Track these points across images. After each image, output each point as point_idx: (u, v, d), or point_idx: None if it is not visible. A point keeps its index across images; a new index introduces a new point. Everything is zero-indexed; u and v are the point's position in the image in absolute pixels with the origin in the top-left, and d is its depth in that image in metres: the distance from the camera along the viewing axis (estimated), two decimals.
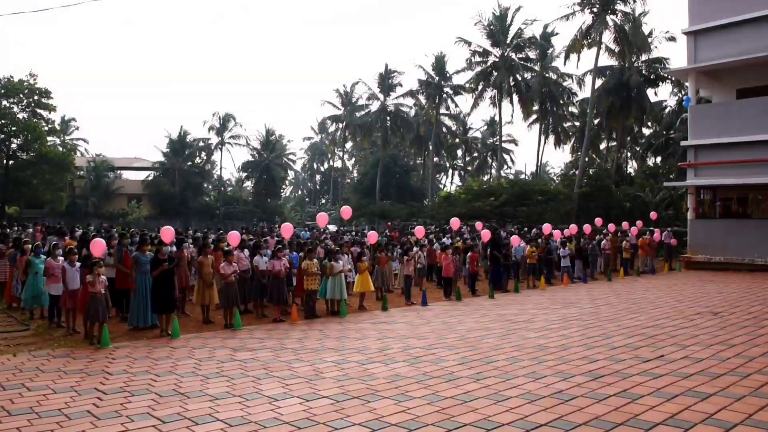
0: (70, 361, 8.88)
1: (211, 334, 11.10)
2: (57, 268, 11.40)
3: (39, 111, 46.14)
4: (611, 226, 23.37)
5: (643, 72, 42.46)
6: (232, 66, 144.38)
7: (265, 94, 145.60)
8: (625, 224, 23.88)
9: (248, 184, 75.44)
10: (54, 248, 12.26)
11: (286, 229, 16.03)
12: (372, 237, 17.41)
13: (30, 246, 13.69)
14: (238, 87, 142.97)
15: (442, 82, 53.93)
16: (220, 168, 71.32)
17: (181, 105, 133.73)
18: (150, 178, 64.89)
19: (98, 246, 10.85)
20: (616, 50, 39.00)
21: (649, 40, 40.69)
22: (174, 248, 13.22)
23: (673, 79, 40.33)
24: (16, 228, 22.92)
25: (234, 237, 13.88)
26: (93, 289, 10.06)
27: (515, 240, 19.33)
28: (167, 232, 12.19)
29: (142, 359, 8.95)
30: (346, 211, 20.16)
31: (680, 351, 9.03)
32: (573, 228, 21.94)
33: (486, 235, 17.99)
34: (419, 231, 19.58)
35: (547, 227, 21.51)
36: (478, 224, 23.16)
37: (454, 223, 22.21)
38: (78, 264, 11.12)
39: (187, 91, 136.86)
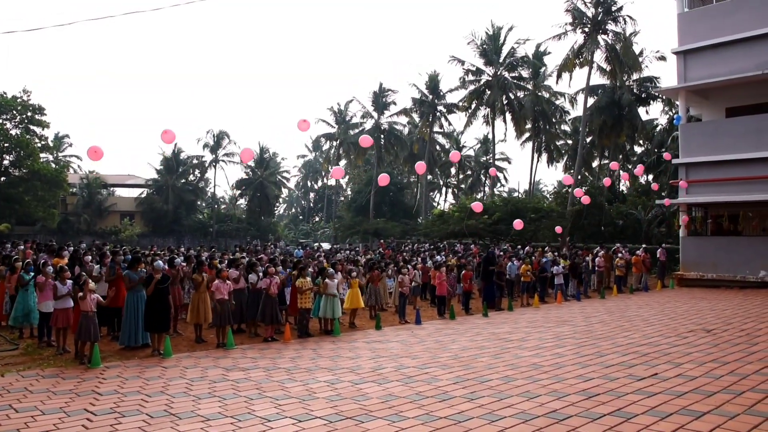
0: (60, 381, 8.78)
1: (203, 354, 11.02)
2: (48, 285, 11.30)
3: (32, 127, 46.07)
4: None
5: (635, 91, 42.84)
6: (227, 83, 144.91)
7: (260, 112, 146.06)
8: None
9: (242, 201, 75.40)
10: (44, 266, 12.14)
11: (246, 154, 15.80)
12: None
13: (21, 263, 13.59)
14: (233, 104, 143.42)
15: (436, 101, 54.20)
16: (214, 185, 71.41)
17: (176, 122, 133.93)
18: (143, 196, 64.78)
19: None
20: (607, 69, 39.34)
21: (640, 59, 41.09)
22: (166, 266, 13.16)
23: (664, 97, 40.74)
24: (8, 246, 22.75)
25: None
26: (84, 307, 9.99)
27: (507, 262, 19.38)
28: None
29: (133, 379, 8.86)
30: (338, 171, 19.08)
31: (674, 369, 9.02)
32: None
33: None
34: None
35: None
36: (474, 247, 23.23)
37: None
38: (70, 282, 11.03)
39: (182, 108, 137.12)
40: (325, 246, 42.54)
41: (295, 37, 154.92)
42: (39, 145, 46.66)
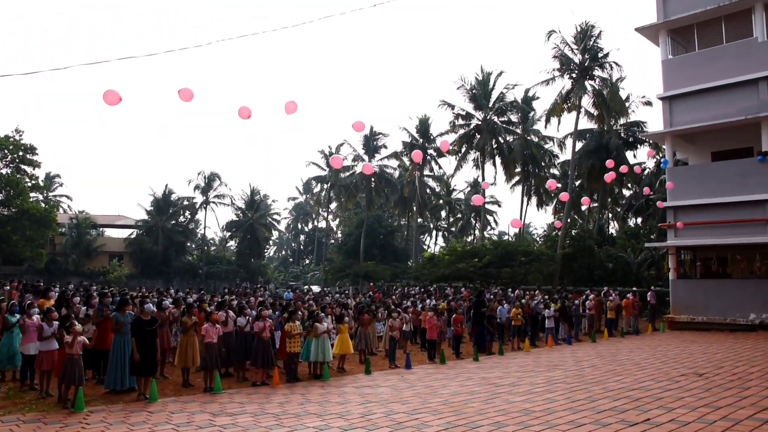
0: (41, 426, 8.58)
1: (190, 398, 10.82)
2: (32, 327, 11.12)
3: (23, 167, 46.12)
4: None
5: (622, 135, 43.49)
6: (219, 125, 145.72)
7: (251, 153, 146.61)
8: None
9: (232, 243, 75.12)
10: (29, 307, 11.96)
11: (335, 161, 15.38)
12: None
13: (5, 304, 13.38)
14: (224, 146, 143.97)
15: (426, 144, 54.72)
16: (204, 227, 71.18)
17: (168, 164, 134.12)
18: (133, 236, 64.47)
19: None
20: (595, 114, 39.96)
21: (627, 104, 41.82)
22: (155, 308, 13.03)
23: (651, 141, 41.33)
24: None
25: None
26: (70, 350, 9.83)
27: (497, 305, 19.32)
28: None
29: (117, 424, 8.68)
30: (337, 160, 17.45)
31: (666, 414, 8.94)
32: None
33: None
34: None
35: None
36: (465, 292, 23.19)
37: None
38: (56, 323, 10.88)
39: (173, 149, 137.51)
40: (315, 289, 42.33)
41: (287, 79, 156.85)
42: (29, 184, 46.64)
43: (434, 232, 76.66)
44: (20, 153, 45.47)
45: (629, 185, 48.65)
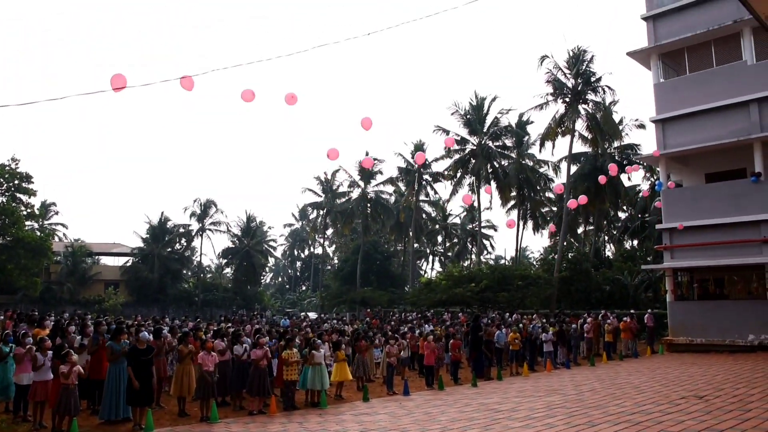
0: None
1: (186, 428, 10.70)
2: (26, 357, 11.01)
3: (18, 195, 46.08)
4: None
5: (616, 158, 43.70)
6: (214, 152, 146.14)
7: (247, 180, 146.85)
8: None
9: (228, 270, 74.88)
10: (23, 337, 11.86)
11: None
12: None
13: None
14: (220, 173, 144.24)
15: (422, 170, 54.94)
16: (200, 254, 70.99)
17: (163, 191, 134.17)
18: (128, 264, 64.26)
19: None
20: (589, 137, 40.24)
21: (620, 127, 42.11)
22: (151, 337, 12.93)
23: (645, 164, 41.59)
24: None
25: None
26: (66, 380, 9.73)
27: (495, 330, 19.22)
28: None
29: None
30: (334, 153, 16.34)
31: None
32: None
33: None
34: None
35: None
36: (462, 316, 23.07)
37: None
38: (50, 353, 10.78)
39: (169, 177, 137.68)
40: (312, 315, 42.12)
41: (282, 106, 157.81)
42: (24, 212, 46.54)
43: (431, 257, 76.64)
44: (16, 181, 45.47)
45: (624, 208, 48.82)
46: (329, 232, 72.65)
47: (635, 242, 47.58)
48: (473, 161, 47.30)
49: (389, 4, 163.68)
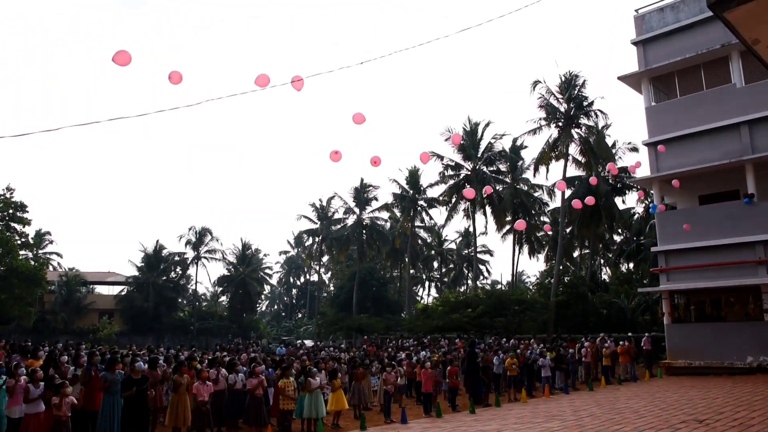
0: None
1: None
2: (19, 389, 10.86)
3: (13, 224, 45.92)
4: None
5: (610, 181, 43.95)
6: (209, 180, 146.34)
7: (242, 208, 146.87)
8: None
9: (223, 298, 74.49)
10: (16, 368, 11.71)
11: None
12: None
13: None
14: (215, 200, 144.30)
15: (417, 195, 55.07)
16: (195, 282, 70.64)
17: (159, 219, 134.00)
18: (123, 293, 63.90)
19: None
20: (582, 161, 40.48)
21: (613, 150, 42.44)
22: (146, 366, 12.82)
23: (639, 186, 41.79)
24: None
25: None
26: (58, 412, 9.60)
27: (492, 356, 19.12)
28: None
29: None
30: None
31: None
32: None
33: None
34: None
35: None
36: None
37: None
38: (42, 384, 10.63)
39: (164, 205, 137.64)
40: (308, 343, 41.83)
41: (277, 131, 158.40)
42: (19, 242, 46.30)
43: (427, 283, 76.50)
44: (10, 211, 45.37)
45: (619, 231, 48.93)
46: (325, 258, 72.51)
47: (631, 265, 47.56)
48: (468, 186, 47.45)
49: (382, 26, 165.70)
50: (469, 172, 47.62)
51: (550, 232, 46.85)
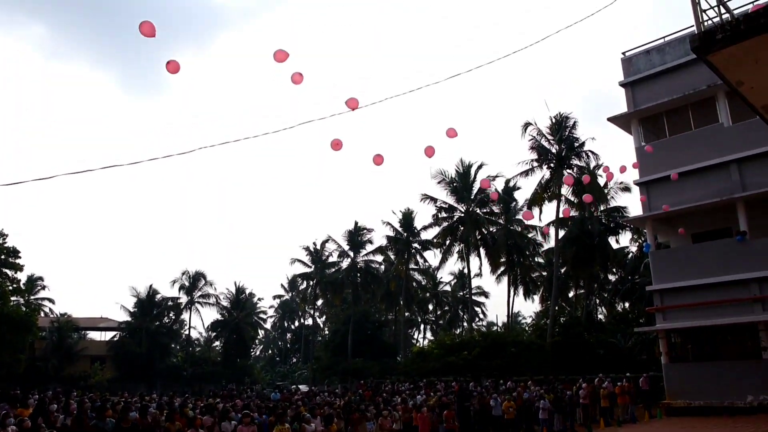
0: None
1: None
2: None
3: (5, 270, 45.57)
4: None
5: (603, 221, 44.14)
6: (203, 224, 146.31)
7: (236, 252, 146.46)
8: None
9: (217, 343, 73.59)
10: (5, 417, 11.48)
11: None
12: None
13: None
14: (208, 245, 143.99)
15: (410, 238, 55.05)
16: (189, 327, 69.79)
17: (151, 264, 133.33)
18: (116, 339, 63.07)
19: None
20: (575, 202, 40.68)
21: (606, 190, 42.70)
22: (138, 414, 12.58)
23: (632, 226, 41.97)
24: None
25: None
26: None
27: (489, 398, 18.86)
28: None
29: None
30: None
31: None
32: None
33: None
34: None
35: None
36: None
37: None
38: None
39: (157, 250, 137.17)
40: (303, 388, 41.24)
41: (271, 178, 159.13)
42: (10, 288, 45.86)
43: (422, 326, 75.92)
44: (2, 256, 45.10)
45: (614, 270, 48.92)
46: (319, 302, 72.08)
47: (627, 304, 47.43)
48: (461, 228, 47.57)
49: (382, 26, 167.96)
50: (462, 214, 47.75)
51: (545, 273, 46.97)
